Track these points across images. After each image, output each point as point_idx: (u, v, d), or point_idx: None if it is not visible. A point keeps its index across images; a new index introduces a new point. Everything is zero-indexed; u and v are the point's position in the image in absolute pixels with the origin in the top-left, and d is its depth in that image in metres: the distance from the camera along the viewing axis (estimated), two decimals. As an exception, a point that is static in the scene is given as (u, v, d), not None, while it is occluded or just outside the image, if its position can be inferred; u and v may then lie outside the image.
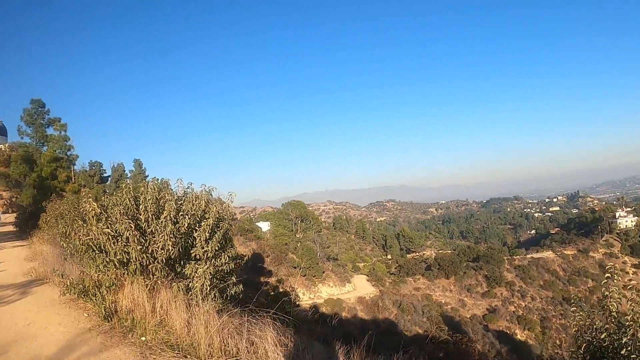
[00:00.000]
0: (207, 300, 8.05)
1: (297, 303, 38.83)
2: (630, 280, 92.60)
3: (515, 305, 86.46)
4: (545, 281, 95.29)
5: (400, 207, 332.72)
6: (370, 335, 7.47)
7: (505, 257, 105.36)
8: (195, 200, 9.78)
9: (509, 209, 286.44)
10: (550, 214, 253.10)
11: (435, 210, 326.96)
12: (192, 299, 8.04)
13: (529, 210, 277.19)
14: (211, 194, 10.22)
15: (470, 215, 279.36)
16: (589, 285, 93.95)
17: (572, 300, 7.86)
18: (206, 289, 8.74)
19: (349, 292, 76.50)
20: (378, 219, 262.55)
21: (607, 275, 7.10)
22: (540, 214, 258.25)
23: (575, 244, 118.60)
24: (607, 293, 7.02)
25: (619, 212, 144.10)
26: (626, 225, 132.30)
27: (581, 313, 7.34)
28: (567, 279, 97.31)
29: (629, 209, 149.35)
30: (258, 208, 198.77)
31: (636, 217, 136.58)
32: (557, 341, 72.10)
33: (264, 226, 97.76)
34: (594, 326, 7.07)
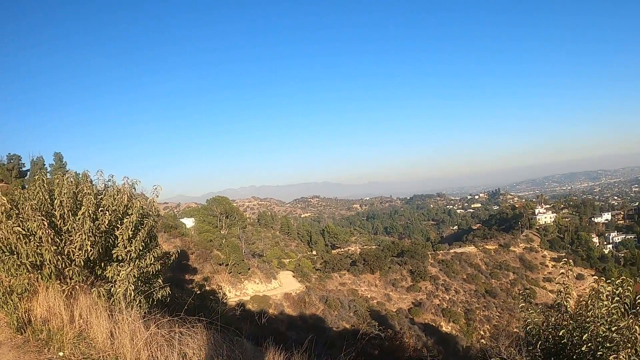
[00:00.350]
0: (132, 307, 7.26)
1: (225, 301, 38.06)
2: (549, 273, 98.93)
3: (440, 298, 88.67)
4: (468, 275, 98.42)
5: (325, 203, 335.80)
6: (310, 340, 7.07)
7: (429, 252, 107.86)
8: (117, 195, 8.84)
9: (432, 206, 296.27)
10: (472, 210, 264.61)
11: (360, 206, 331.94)
12: (115, 306, 7.27)
13: (451, 206, 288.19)
14: (134, 188, 9.27)
15: (394, 211, 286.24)
16: (510, 278, 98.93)
17: (520, 297, 7.78)
18: (130, 294, 7.89)
19: (275, 288, 75.88)
20: (303, 215, 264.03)
21: (561, 271, 7.00)
22: (462, 211, 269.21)
23: (496, 238, 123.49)
24: (562, 289, 6.93)
25: (538, 209, 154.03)
26: (545, 221, 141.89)
27: (531, 310, 7.23)
28: (489, 272, 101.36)
29: (547, 206, 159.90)
30: (182, 204, 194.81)
31: (554, 214, 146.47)
32: (482, 332, 74.93)
33: (188, 222, 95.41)
34: (549, 323, 6.96)
